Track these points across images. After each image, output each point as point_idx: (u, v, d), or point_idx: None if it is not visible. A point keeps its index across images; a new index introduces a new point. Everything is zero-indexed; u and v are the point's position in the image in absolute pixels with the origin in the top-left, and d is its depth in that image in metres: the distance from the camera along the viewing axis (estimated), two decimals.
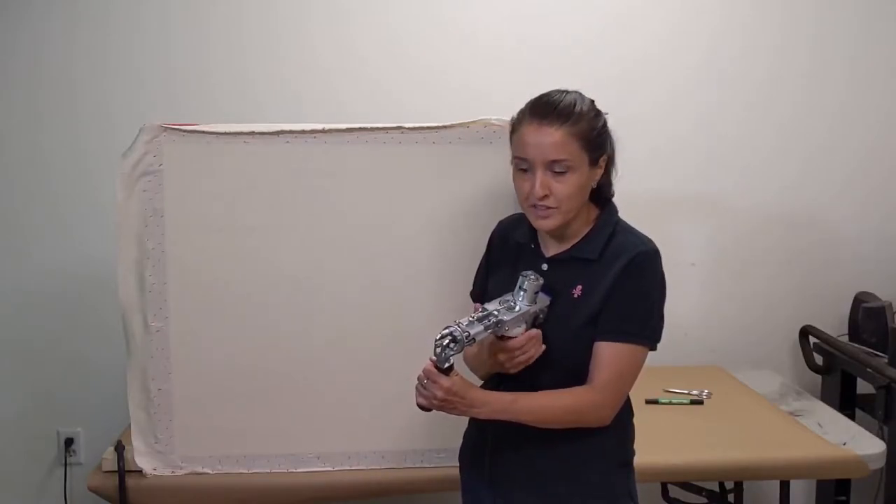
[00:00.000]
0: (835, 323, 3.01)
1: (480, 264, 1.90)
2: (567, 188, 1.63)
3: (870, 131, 3.03)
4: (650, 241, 1.70)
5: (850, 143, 3.02)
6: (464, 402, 1.61)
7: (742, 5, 2.95)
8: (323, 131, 2.06)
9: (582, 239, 1.71)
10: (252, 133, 2.05)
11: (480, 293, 1.85)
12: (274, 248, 2.09)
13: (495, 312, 1.61)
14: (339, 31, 2.83)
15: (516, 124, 1.69)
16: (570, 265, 1.70)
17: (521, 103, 1.73)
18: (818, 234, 3.05)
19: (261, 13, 2.81)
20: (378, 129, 2.06)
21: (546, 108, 1.64)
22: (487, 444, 1.78)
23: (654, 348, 1.70)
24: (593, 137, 1.66)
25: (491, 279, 1.83)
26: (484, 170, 2.05)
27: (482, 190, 2.06)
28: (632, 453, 1.78)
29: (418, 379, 1.62)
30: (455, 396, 1.60)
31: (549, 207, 1.64)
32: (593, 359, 1.66)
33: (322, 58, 2.83)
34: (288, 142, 2.05)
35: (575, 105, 1.64)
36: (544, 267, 1.73)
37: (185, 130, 2.04)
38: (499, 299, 1.66)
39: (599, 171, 1.70)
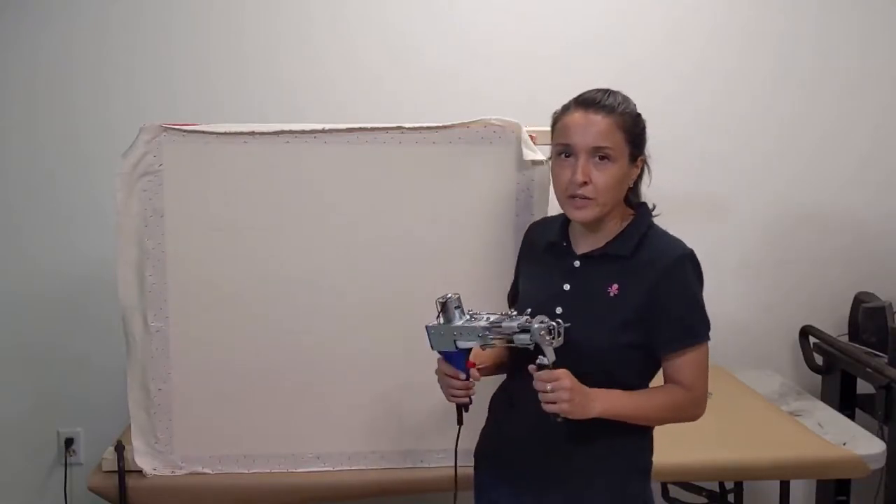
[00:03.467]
0: (835, 323, 3.01)
1: (516, 266, 1.92)
2: (606, 178, 1.65)
3: (870, 131, 3.03)
4: (683, 243, 1.73)
5: (850, 143, 3.02)
6: (583, 393, 1.59)
7: (742, 4, 2.95)
8: (323, 131, 2.06)
9: (616, 237, 1.72)
10: (252, 133, 2.05)
11: (514, 294, 1.89)
12: (274, 248, 2.09)
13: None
14: (340, 31, 2.83)
15: (559, 115, 1.71)
16: (602, 262, 1.71)
17: (521, 103, 1.74)
18: (818, 234, 3.05)
19: (261, 13, 2.81)
20: (378, 129, 2.06)
21: (593, 100, 1.67)
22: (512, 444, 1.78)
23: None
24: (636, 133, 1.70)
25: (522, 282, 1.85)
26: (484, 170, 2.05)
27: (482, 190, 2.06)
28: (650, 460, 1.79)
29: (542, 390, 1.58)
30: (577, 387, 1.58)
31: (586, 198, 1.65)
32: (669, 369, 1.68)
33: (322, 58, 2.83)
34: (288, 142, 2.05)
35: (621, 102, 1.69)
36: (576, 264, 1.73)
37: (185, 130, 2.04)
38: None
39: (636, 171, 1.73)
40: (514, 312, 1.65)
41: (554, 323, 1.57)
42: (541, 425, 1.67)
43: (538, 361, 1.59)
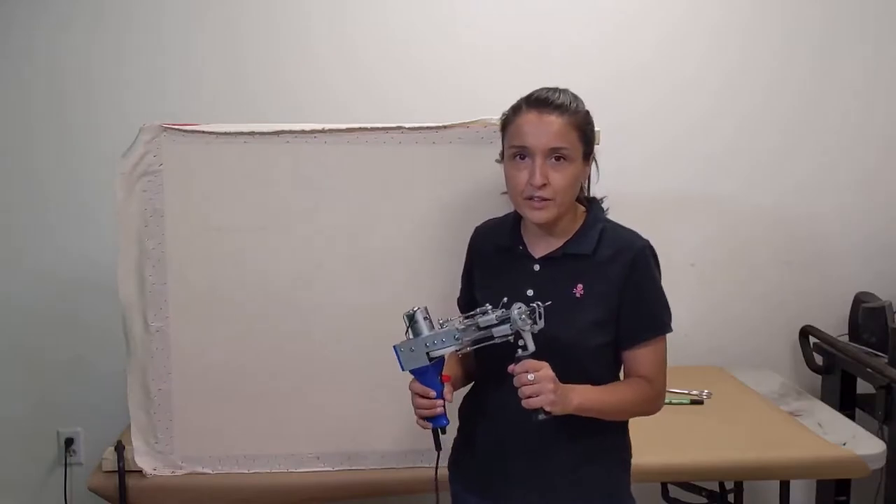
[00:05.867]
0: (835, 323, 3.01)
1: (464, 272, 1.87)
2: (564, 179, 1.63)
3: (871, 131, 3.02)
4: (638, 234, 1.73)
5: (850, 144, 3.02)
6: (563, 386, 1.56)
7: (743, 6, 2.95)
8: (323, 131, 2.06)
9: (573, 236, 1.71)
10: (252, 133, 2.05)
11: (467, 301, 1.83)
12: (273, 248, 2.09)
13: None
14: (339, 32, 2.83)
15: (511, 116, 1.69)
16: (564, 263, 1.70)
17: None
18: (818, 235, 3.05)
19: (260, 13, 2.81)
20: (378, 129, 2.06)
21: (545, 101, 1.65)
22: (489, 454, 1.76)
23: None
24: (588, 131, 1.68)
25: (478, 290, 1.79)
26: (484, 170, 2.05)
27: (482, 190, 2.06)
28: (630, 454, 1.80)
29: (525, 383, 1.54)
30: (556, 381, 1.55)
31: (544, 199, 1.63)
32: (632, 361, 1.69)
33: (322, 58, 2.83)
34: (288, 142, 2.06)
35: (571, 100, 1.67)
36: (536, 268, 1.71)
37: (185, 130, 2.04)
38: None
39: (588, 169, 1.72)
40: (489, 306, 1.60)
41: (534, 305, 1.56)
42: (517, 432, 1.67)
43: (518, 355, 1.55)
